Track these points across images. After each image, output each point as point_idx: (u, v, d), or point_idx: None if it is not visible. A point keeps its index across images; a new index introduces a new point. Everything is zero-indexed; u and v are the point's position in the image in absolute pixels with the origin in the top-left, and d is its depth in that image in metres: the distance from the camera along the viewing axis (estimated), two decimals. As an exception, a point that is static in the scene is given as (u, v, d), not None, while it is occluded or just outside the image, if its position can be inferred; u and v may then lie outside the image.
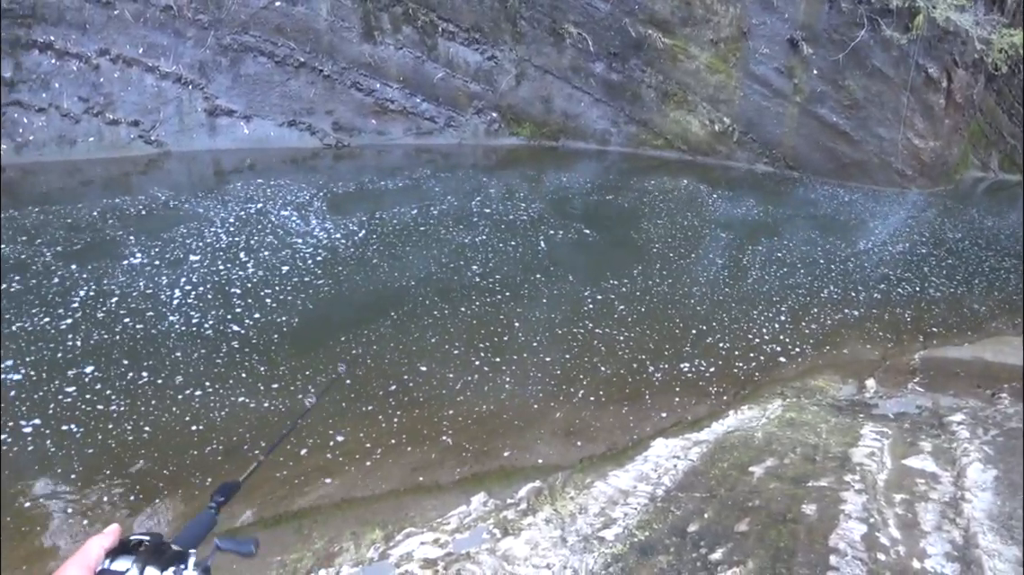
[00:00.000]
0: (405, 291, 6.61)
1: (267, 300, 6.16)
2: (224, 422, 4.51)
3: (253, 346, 5.41)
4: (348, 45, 11.63)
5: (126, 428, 4.35)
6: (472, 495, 3.80)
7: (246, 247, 7.25)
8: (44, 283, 6.11)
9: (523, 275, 7.23)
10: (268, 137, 11.36)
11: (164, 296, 6.07)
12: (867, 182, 12.80)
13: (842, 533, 2.79)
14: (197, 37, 10.62)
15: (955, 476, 3.31)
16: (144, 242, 7.19)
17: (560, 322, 6.26)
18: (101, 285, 6.15)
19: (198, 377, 4.95)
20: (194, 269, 6.65)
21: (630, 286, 7.17)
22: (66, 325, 5.45)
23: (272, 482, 4.02)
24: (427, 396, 4.99)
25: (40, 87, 9.63)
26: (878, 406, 4.85)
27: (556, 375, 5.40)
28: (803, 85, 12.50)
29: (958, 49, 12.00)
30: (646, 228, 9.15)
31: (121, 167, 9.93)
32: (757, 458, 3.84)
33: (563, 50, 12.74)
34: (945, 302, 7.59)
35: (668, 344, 6.05)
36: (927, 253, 9.27)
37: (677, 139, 13.45)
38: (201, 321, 5.72)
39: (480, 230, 8.42)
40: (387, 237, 7.92)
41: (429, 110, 12.51)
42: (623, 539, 3.07)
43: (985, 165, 15.19)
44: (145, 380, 4.86)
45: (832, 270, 8.19)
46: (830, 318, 6.88)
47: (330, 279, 6.71)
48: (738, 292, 7.30)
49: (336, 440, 4.44)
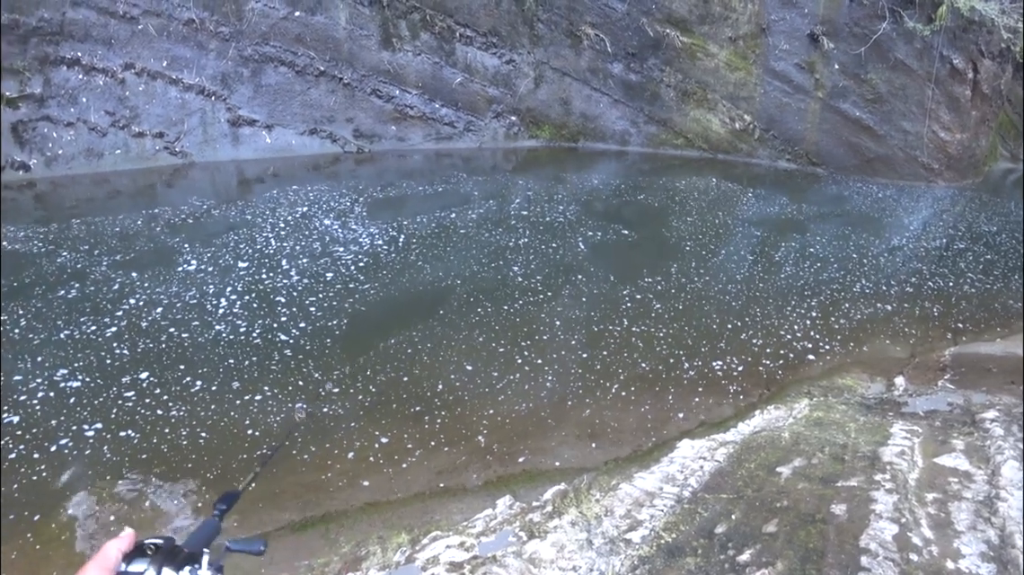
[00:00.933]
0: (427, 296, 6.66)
1: (310, 305, 6.25)
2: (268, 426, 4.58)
3: (289, 349, 5.50)
4: (367, 53, 11.76)
5: (180, 433, 4.44)
6: (497, 498, 3.81)
7: (286, 253, 7.37)
8: (102, 291, 6.28)
9: (545, 276, 7.23)
10: (290, 145, 11.53)
11: (213, 302, 6.19)
12: (893, 177, 12.57)
13: (873, 533, 2.75)
14: (219, 49, 10.83)
15: (989, 474, 3.23)
16: (190, 249, 7.34)
17: (583, 323, 6.25)
18: (149, 292, 6.30)
19: (253, 382, 5.04)
20: (240, 275, 6.77)
21: (654, 286, 7.13)
22: (112, 332, 5.59)
23: (298, 487, 4.08)
24: (450, 400, 5.01)
25: (68, 102, 9.89)
26: (908, 404, 4.76)
27: (580, 376, 5.39)
28: (824, 80, 12.33)
29: (984, 39, 11.74)
30: (669, 227, 9.10)
31: (147, 178, 10.16)
32: (784, 458, 3.79)
33: (581, 52, 12.74)
34: (976, 297, 7.42)
35: (692, 343, 6.01)
36: (956, 247, 9.09)
37: (698, 138, 13.35)
38: (249, 328, 5.82)
39: (506, 232, 8.45)
40: (413, 241, 7.98)
41: (448, 115, 12.59)
42: (649, 541, 3.06)
43: (1015, 156, 14.83)
44: (199, 386, 4.96)
45: (859, 266, 8.07)
46: (858, 315, 6.77)
47: (355, 285, 6.78)
48: (764, 290, 7.23)
49: (361, 445, 4.48)
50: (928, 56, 11.73)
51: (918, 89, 11.99)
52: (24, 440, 4.29)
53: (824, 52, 12.09)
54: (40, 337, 5.49)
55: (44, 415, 4.55)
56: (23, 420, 4.47)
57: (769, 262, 8.10)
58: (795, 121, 12.82)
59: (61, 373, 5.02)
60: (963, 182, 12.75)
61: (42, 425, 4.44)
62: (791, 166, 12.99)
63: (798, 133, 12.88)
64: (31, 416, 4.52)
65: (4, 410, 4.55)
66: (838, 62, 12.12)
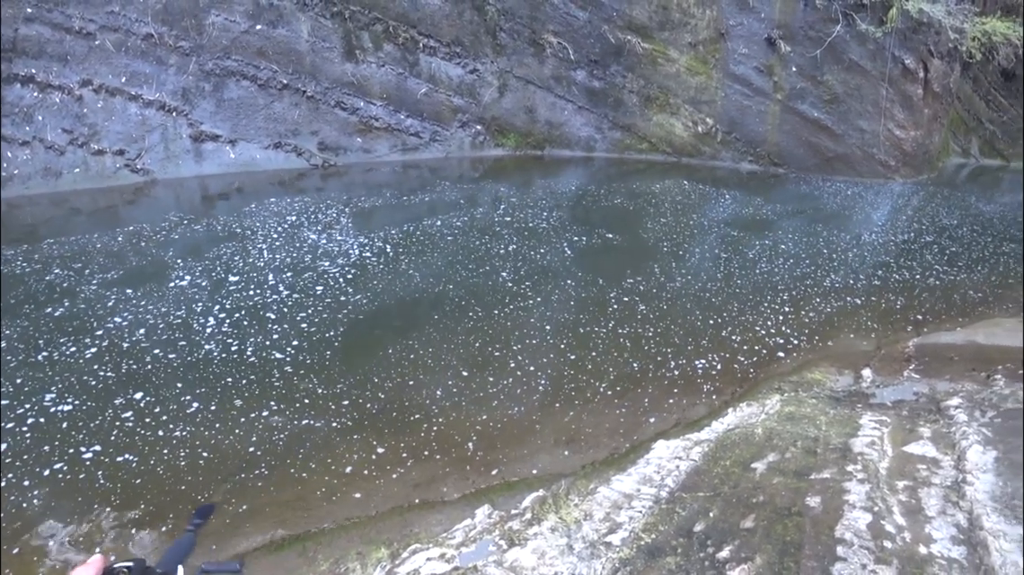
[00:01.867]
0: (397, 309, 6.61)
1: (280, 321, 6.14)
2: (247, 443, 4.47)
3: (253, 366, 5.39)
4: (330, 65, 11.68)
5: (178, 454, 4.31)
6: (476, 508, 3.78)
7: (258, 267, 7.24)
8: (89, 310, 6.08)
9: (516, 283, 7.23)
10: (254, 160, 11.37)
11: (181, 319, 6.05)
12: (852, 174, 12.91)
13: (847, 523, 2.80)
14: (179, 64, 10.65)
15: (956, 460, 3.32)
16: (157, 268, 7.16)
17: (555, 329, 6.26)
18: (118, 315, 6.12)
19: (265, 400, 4.92)
20: (210, 292, 6.63)
21: (624, 290, 7.18)
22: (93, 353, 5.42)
23: (274, 505, 3.99)
24: (425, 412, 4.97)
25: (23, 120, 9.62)
26: (875, 395, 4.87)
27: (554, 382, 5.40)
28: (783, 83, 12.63)
29: (932, 39, 12.17)
30: (638, 231, 9.19)
31: (108, 197, 9.90)
32: (759, 454, 3.84)
33: (544, 60, 12.84)
34: (936, 288, 7.64)
35: (665, 345, 6.06)
36: (914, 241, 9.35)
37: (661, 142, 13.54)
38: (242, 347, 5.69)
39: (476, 242, 8.43)
40: (382, 254, 7.91)
41: (414, 126, 12.56)
42: (630, 543, 3.07)
43: (966, 151, 15.37)
44: (196, 407, 4.83)
45: (822, 263, 8.25)
46: (823, 310, 6.91)
47: (325, 300, 6.69)
48: (733, 289, 7.33)
49: (337, 461, 4.41)
50: (881, 57, 12.11)
51: (872, 89, 12.35)
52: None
53: (782, 55, 12.39)
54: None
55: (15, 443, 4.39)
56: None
57: (737, 262, 8.23)
58: (756, 123, 13.09)
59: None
60: (919, 177, 13.17)
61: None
62: (754, 167, 13.26)
63: (759, 135, 13.16)
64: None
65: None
66: (795, 65, 12.43)
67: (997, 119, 15.28)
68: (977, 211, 11.06)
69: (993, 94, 15.08)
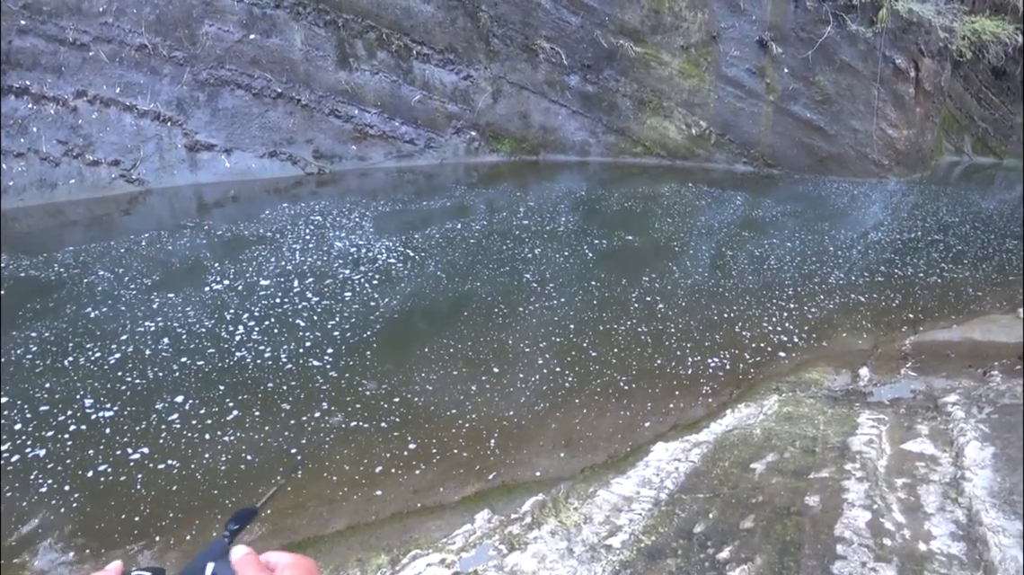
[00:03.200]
0: (393, 315, 6.61)
1: (277, 327, 6.13)
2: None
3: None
4: (324, 73, 11.71)
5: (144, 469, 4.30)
6: (476, 512, 3.77)
7: (258, 274, 7.24)
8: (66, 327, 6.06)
9: (512, 288, 7.24)
10: (250, 169, 11.37)
11: (227, 324, 6.04)
12: (846, 174, 12.97)
13: (847, 522, 2.80)
14: (173, 74, 10.66)
15: (954, 456, 3.33)
16: (163, 277, 7.16)
17: (552, 332, 6.27)
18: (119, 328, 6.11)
19: (218, 409, 4.91)
20: (205, 299, 6.62)
21: (620, 292, 7.20)
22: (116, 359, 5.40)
23: (273, 513, 3.98)
24: (424, 416, 4.97)
25: (18, 132, 9.62)
26: (873, 393, 4.88)
27: (552, 385, 5.40)
28: (775, 84, 12.69)
29: (923, 39, 12.26)
30: (633, 233, 9.21)
31: (104, 207, 9.89)
32: (757, 454, 3.85)
33: (537, 65, 12.89)
34: (931, 285, 7.67)
35: (662, 346, 6.06)
36: (909, 239, 9.39)
37: (656, 145, 13.59)
38: (219, 354, 5.68)
39: (472, 247, 8.44)
40: (377, 259, 7.92)
41: (408, 132, 12.59)
42: (630, 545, 3.06)
43: (959, 149, 15.45)
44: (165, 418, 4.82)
45: (817, 263, 8.27)
46: (821, 309, 6.93)
47: (321, 306, 6.69)
48: (730, 290, 7.35)
49: (335, 467, 4.40)
50: (872, 57, 12.18)
51: (864, 89, 12.43)
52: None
53: (773, 57, 12.46)
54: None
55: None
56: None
57: (731, 263, 8.25)
58: (749, 125, 13.15)
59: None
60: (912, 176, 13.23)
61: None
62: (748, 169, 13.31)
63: (753, 136, 13.21)
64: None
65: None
66: (787, 66, 12.50)
67: (989, 117, 15.38)
68: (971, 208, 11.11)
69: (984, 92, 15.18)
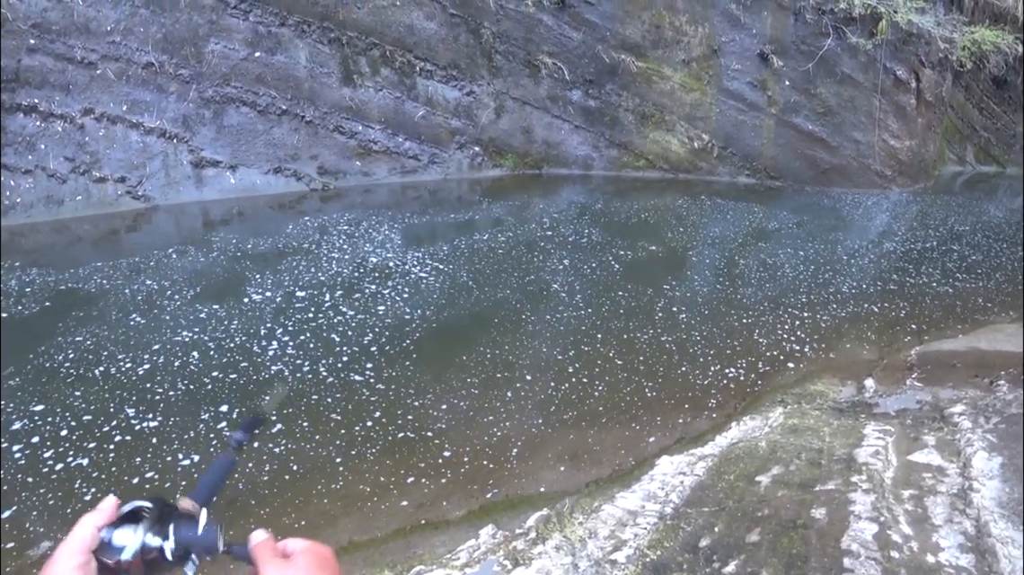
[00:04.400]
0: (396, 330, 6.62)
1: (280, 338, 6.14)
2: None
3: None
4: (328, 90, 11.82)
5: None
6: (480, 528, 3.75)
7: (256, 288, 7.27)
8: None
9: (517, 301, 7.25)
10: (255, 185, 11.45)
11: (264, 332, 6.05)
12: (848, 186, 12.98)
13: (854, 534, 2.77)
14: (179, 91, 10.78)
15: (961, 467, 3.30)
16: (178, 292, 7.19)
17: (554, 347, 6.26)
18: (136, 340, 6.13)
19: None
20: (206, 315, 6.64)
21: (621, 306, 7.19)
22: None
23: (277, 530, 3.96)
24: (427, 431, 4.95)
25: (26, 149, 9.72)
26: (879, 405, 4.85)
27: (556, 399, 5.38)
28: (777, 97, 12.75)
29: (923, 50, 12.32)
30: (635, 246, 9.22)
31: (110, 223, 9.97)
32: (763, 467, 3.82)
33: (539, 81, 12.99)
34: (936, 295, 7.65)
35: (666, 359, 6.05)
36: (913, 249, 9.37)
37: (658, 159, 13.64)
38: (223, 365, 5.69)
39: (476, 262, 8.46)
40: (377, 275, 7.95)
41: (412, 148, 12.67)
42: (635, 560, 3.04)
43: (961, 159, 15.46)
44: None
45: (820, 274, 8.26)
46: (824, 322, 6.91)
47: (323, 320, 6.71)
48: (733, 302, 7.34)
49: (337, 483, 4.39)
50: (873, 68, 12.24)
51: (866, 100, 12.47)
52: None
53: (774, 70, 12.52)
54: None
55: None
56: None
57: (737, 275, 8.25)
58: (751, 137, 13.19)
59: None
60: (915, 186, 13.23)
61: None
62: (750, 181, 13.33)
63: (755, 149, 13.25)
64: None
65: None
66: (788, 79, 12.56)
67: (991, 126, 15.40)
68: (975, 218, 11.09)
69: (986, 102, 15.22)
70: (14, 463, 4.44)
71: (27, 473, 4.35)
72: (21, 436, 4.72)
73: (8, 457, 4.49)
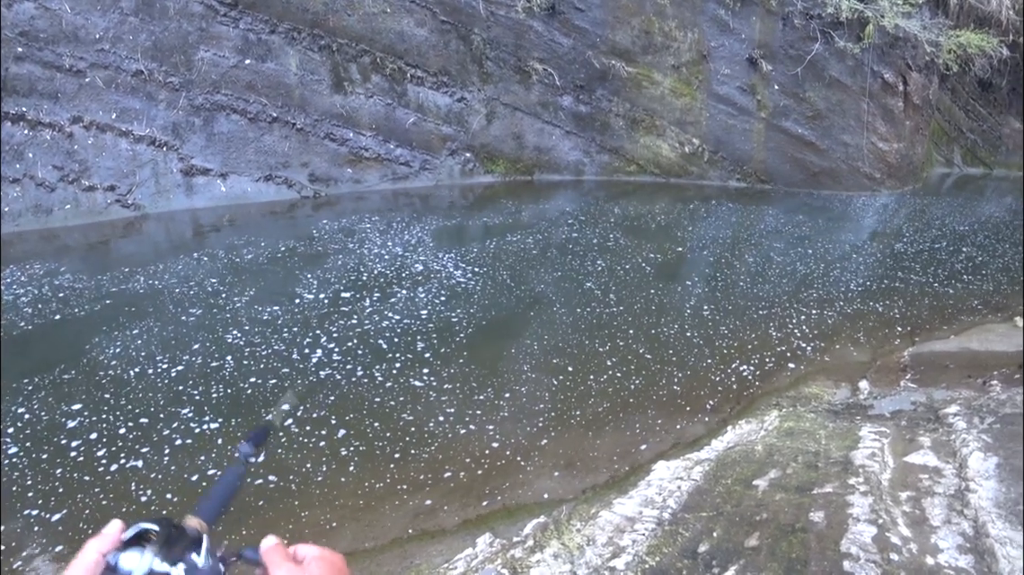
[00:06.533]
0: (387, 337, 6.59)
1: (274, 344, 6.09)
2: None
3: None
4: (319, 97, 11.79)
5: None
6: (477, 536, 3.72)
7: (241, 298, 7.22)
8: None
9: (509, 308, 7.24)
10: (246, 193, 11.40)
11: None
12: (838, 188, 13.06)
13: (852, 537, 2.77)
14: (169, 99, 10.72)
15: (957, 467, 3.31)
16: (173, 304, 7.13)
17: (549, 353, 6.25)
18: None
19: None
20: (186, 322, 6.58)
21: (616, 312, 7.19)
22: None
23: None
24: (423, 440, 4.92)
25: (14, 158, 9.63)
26: (874, 406, 4.86)
27: (551, 406, 5.37)
28: (766, 101, 12.83)
29: (910, 53, 12.44)
30: (626, 251, 9.23)
31: (100, 232, 9.89)
32: (760, 471, 3.81)
33: (530, 87, 13.01)
34: (927, 296, 7.69)
35: (661, 364, 6.05)
36: (903, 251, 9.43)
37: (649, 163, 13.69)
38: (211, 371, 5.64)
39: (468, 268, 8.45)
40: (371, 282, 7.91)
41: (403, 155, 12.65)
42: (633, 567, 3.02)
43: (949, 161, 15.61)
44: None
45: (813, 277, 8.29)
46: (816, 324, 6.93)
47: (317, 326, 6.67)
48: (726, 306, 7.35)
49: (334, 493, 4.35)
50: (860, 72, 12.34)
51: (854, 103, 12.57)
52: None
53: (764, 74, 12.60)
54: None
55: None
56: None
57: (729, 279, 8.27)
58: (742, 141, 13.26)
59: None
60: (904, 188, 13.34)
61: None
62: (741, 185, 13.40)
63: (745, 153, 13.32)
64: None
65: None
66: (777, 83, 12.64)
67: (977, 128, 15.56)
68: (964, 219, 11.19)
69: (972, 104, 15.38)
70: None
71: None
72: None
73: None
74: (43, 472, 4.47)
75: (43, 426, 4.97)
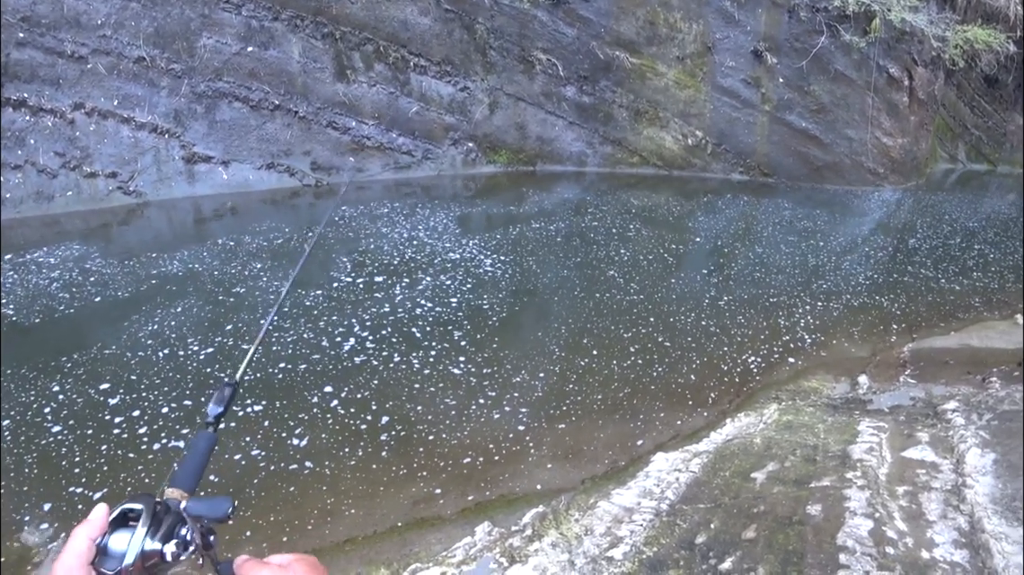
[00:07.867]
0: (388, 325, 6.60)
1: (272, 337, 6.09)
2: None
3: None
4: (321, 85, 11.75)
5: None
6: (476, 525, 3.75)
7: (238, 279, 7.24)
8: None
9: (510, 299, 7.24)
10: (247, 181, 11.38)
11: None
12: (841, 183, 13.04)
13: (849, 530, 2.79)
14: (171, 86, 10.69)
15: (955, 463, 3.32)
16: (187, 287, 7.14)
17: (548, 342, 6.26)
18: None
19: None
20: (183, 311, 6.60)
21: (615, 303, 7.20)
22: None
23: (270, 527, 3.95)
24: (423, 428, 4.94)
25: (15, 145, 9.61)
26: (872, 401, 4.88)
27: (551, 396, 5.38)
28: (770, 94, 12.77)
29: (916, 48, 12.37)
30: (626, 243, 9.23)
31: (101, 218, 9.88)
32: (758, 464, 3.83)
33: (534, 77, 12.96)
34: (928, 292, 7.69)
35: (661, 356, 6.06)
36: (905, 246, 9.43)
37: (652, 155, 13.65)
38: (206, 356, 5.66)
39: (468, 259, 8.45)
40: (375, 270, 7.92)
41: (406, 144, 12.62)
42: (631, 557, 3.04)
43: (953, 157, 15.56)
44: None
45: (814, 271, 8.29)
46: (816, 318, 6.94)
47: (318, 314, 6.69)
48: (727, 299, 7.36)
49: (334, 480, 4.38)
50: (866, 66, 12.28)
51: (859, 98, 12.52)
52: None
53: (768, 67, 12.54)
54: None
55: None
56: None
57: (731, 272, 8.27)
58: (745, 134, 13.22)
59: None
60: (908, 183, 13.30)
61: None
62: (744, 178, 13.37)
63: (749, 146, 13.28)
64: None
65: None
66: (782, 76, 12.59)
67: (982, 124, 15.50)
68: (966, 215, 11.17)
69: (977, 100, 15.32)
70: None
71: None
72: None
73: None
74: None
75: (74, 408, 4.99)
